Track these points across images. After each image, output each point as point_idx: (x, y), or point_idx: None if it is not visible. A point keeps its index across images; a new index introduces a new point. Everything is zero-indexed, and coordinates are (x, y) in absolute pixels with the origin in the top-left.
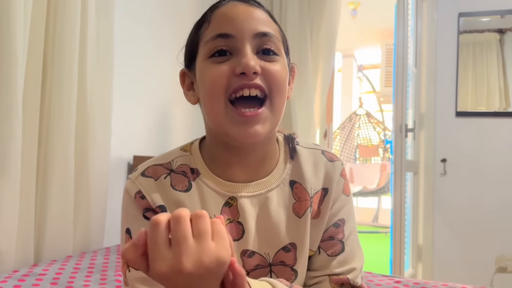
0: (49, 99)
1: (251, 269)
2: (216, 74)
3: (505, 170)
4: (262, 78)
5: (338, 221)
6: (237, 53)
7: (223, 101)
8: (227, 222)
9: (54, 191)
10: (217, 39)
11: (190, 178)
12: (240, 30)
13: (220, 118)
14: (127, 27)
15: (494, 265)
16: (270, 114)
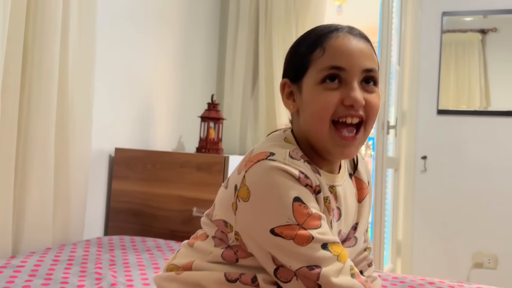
0: (28, 89)
1: None
2: (326, 101)
3: (484, 168)
4: (364, 109)
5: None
6: (346, 84)
7: (328, 123)
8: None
9: (33, 182)
10: (331, 70)
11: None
12: (351, 65)
13: (323, 137)
14: (110, 17)
15: (471, 260)
16: (363, 137)
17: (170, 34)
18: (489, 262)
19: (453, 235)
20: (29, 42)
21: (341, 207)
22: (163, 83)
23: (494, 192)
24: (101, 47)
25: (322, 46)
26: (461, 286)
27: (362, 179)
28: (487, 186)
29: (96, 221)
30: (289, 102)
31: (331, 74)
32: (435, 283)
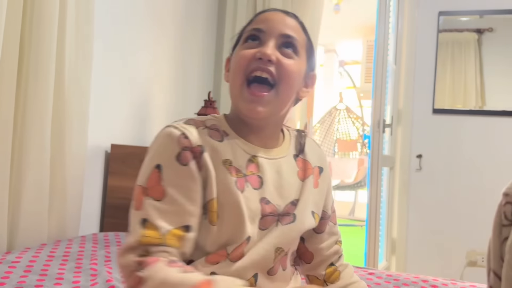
0: (25, 86)
1: (266, 215)
2: (242, 56)
3: (478, 167)
4: (276, 68)
5: (332, 197)
6: (263, 44)
7: (241, 78)
8: (250, 174)
9: (29, 178)
10: (252, 31)
11: (222, 134)
12: (271, 28)
13: (236, 93)
14: (108, 14)
15: (464, 259)
16: (274, 99)
17: (167, 31)
18: (482, 260)
19: (447, 233)
20: (25, 39)
21: (264, 176)
22: (160, 79)
23: (488, 191)
24: (98, 44)
25: (252, 20)
26: (454, 284)
27: (308, 160)
28: (482, 185)
29: (91, 217)
30: (226, 74)
31: (251, 34)
32: (428, 281)
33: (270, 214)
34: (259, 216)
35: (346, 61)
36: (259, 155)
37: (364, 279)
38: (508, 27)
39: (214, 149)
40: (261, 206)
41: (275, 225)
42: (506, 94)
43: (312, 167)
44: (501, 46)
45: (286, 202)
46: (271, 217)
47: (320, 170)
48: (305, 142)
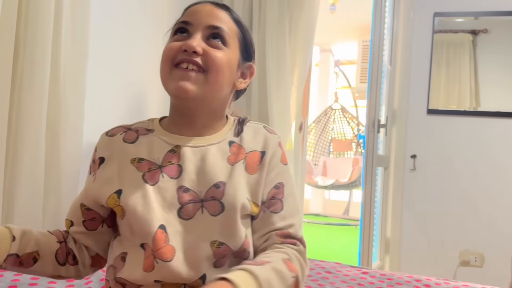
0: (20, 82)
1: (185, 203)
2: (169, 48)
3: (472, 168)
4: (203, 59)
5: (278, 184)
6: (190, 37)
7: (169, 65)
8: (168, 165)
9: (24, 176)
10: (180, 24)
11: (140, 134)
12: (198, 20)
13: (165, 77)
14: (104, 12)
15: (457, 258)
16: (202, 80)
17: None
18: (475, 260)
19: (440, 233)
20: (20, 36)
21: (184, 165)
22: (156, 76)
23: (482, 192)
24: (94, 42)
25: (183, 13)
26: (447, 283)
27: (243, 145)
28: (475, 185)
29: None
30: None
31: (179, 27)
32: (422, 280)
33: (190, 201)
34: (177, 205)
35: (341, 61)
36: (183, 144)
37: (358, 279)
38: (503, 28)
39: (123, 151)
40: (178, 194)
41: (201, 213)
42: (501, 95)
43: (246, 152)
44: (495, 48)
45: (207, 186)
46: (192, 204)
47: (261, 155)
48: (243, 128)
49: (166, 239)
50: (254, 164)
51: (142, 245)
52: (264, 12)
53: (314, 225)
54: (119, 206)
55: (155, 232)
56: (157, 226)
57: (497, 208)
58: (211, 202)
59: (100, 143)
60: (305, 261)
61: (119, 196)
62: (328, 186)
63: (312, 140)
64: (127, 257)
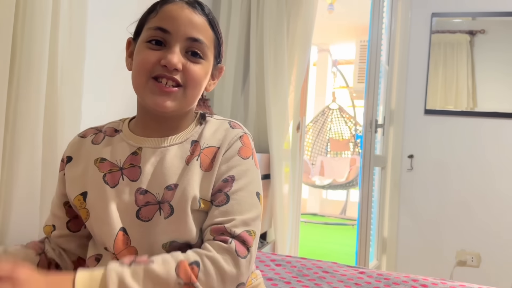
0: (17, 82)
1: (142, 205)
2: (146, 58)
3: (469, 168)
4: (182, 74)
5: (228, 177)
6: (168, 48)
7: (145, 78)
8: (129, 167)
9: (21, 175)
10: (157, 30)
11: (107, 135)
12: (177, 30)
13: (141, 88)
14: (101, 11)
15: (454, 258)
16: (181, 97)
17: None
18: (472, 260)
19: (437, 233)
20: (18, 35)
21: (144, 166)
22: None
23: (479, 192)
24: (92, 41)
25: (157, 9)
26: (444, 283)
27: (200, 144)
28: (472, 185)
29: None
30: (129, 60)
31: (157, 35)
32: (418, 280)
33: (148, 203)
34: (135, 207)
35: (339, 60)
36: (145, 145)
37: (355, 278)
38: (501, 29)
39: (89, 153)
40: (135, 197)
41: (159, 214)
42: (498, 96)
43: (201, 148)
44: (493, 48)
45: (162, 187)
46: (150, 206)
47: (216, 150)
48: (205, 126)
49: (127, 241)
50: (209, 160)
51: (106, 248)
52: (262, 12)
53: (311, 224)
54: (84, 208)
55: (116, 234)
56: (118, 228)
57: (494, 208)
58: (165, 204)
59: (70, 143)
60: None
61: (84, 199)
62: (325, 186)
63: (310, 140)
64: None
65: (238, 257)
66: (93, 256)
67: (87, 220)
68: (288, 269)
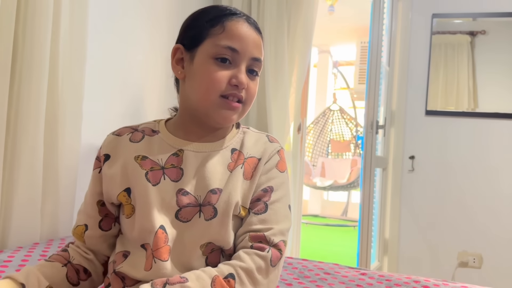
0: (18, 84)
1: (183, 206)
2: (217, 77)
3: (470, 169)
4: (245, 92)
5: (267, 187)
6: (236, 66)
7: (216, 96)
8: (171, 167)
9: (22, 177)
10: (227, 49)
11: (146, 134)
12: (245, 50)
13: (209, 103)
14: (102, 11)
15: (456, 259)
16: (241, 110)
17: (161, 29)
18: (474, 261)
19: (439, 234)
20: (19, 36)
21: (186, 168)
22: (154, 77)
23: (480, 193)
24: (92, 42)
25: (222, 24)
26: (446, 284)
27: (243, 153)
28: (473, 186)
29: None
30: (178, 67)
31: (226, 55)
32: (420, 282)
33: (188, 205)
34: (175, 207)
35: (340, 62)
36: (186, 148)
37: (357, 280)
38: (501, 29)
39: (128, 150)
40: (177, 197)
41: (198, 216)
42: (499, 96)
43: (244, 158)
44: (494, 49)
45: (206, 191)
46: (191, 207)
47: (257, 161)
48: (245, 137)
49: (165, 239)
50: (251, 170)
51: (143, 245)
52: (262, 13)
53: (312, 226)
54: (130, 204)
55: (156, 231)
56: (158, 226)
57: (495, 209)
58: (207, 207)
59: (106, 141)
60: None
61: (129, 195)
62: (326, 187)
63: (311, 141)
64: (129, 256)
65: (271, 266)
66: (120, 252)
67: (131, 216)
68: (290, 270)
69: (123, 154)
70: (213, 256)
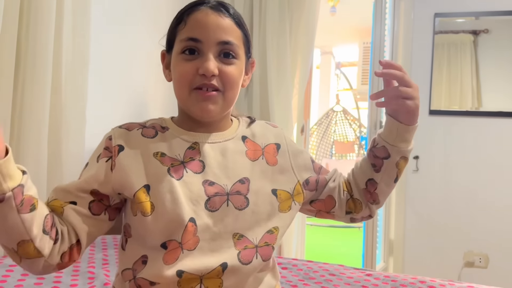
0: (22, 89)
1: (212, 195)
2: (183, 71)
3: (475, 168)
4: (219, 79)
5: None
6: (202, 55)
7: (187, 90)
8: (190, 160)
9: None
10: (188, 41)
11: (157, 130)
12: (207, 37)
13: (184, 99)
14: (104, 15)
15: (462, 260)
16: (222, 100)
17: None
18: (480, 261)
19: (444, 234)
20: (22, 41)
21: (206, 160)
22: (157, 80)
23: (485, 192)
24: (95, 46)
25: (184, 20)
26: (452, 284)
27: (256, 142)
28: (478, 186)
29: None
30: (166, 72)
31: (189, 45)
32: (426, 282)
33: (216, 194)
34: (204, 197)
35: (342, 63)
36: (201, 141)
37: (362, 281)
38: (504, 28)
39: (143, 146)
40: (205, 187)
41: (226, 205)
42: (502, 95)
43: (262, 148)
44: (497, 47)
45: (233, 181)
46: (218, 197)
47: (277, 147)
48: (254, 125)
49: (195, 231)
50: (273, 155)
51: (164, 244)
52: (264, 15)
53: (317, 227)
54: (148, 202)
55: (186, 225)
56: (187, 219)
57: (501, 208)
58: (236, 196)
59: (116, 133)
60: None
61: (148, 192)
62: None
63: (314, 143)
64: (148, 260)
65: None
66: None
67: (151, 214)
68: (295, 272)
69: (137, 148)
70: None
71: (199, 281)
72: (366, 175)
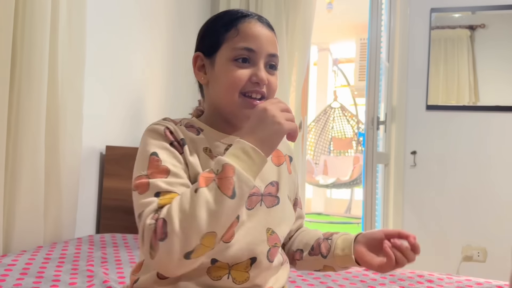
0: (18, 88)
1: (250, 195)
2: (237, 76)
3: (472, 163)
4: (266, 88)
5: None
6: (254, 64)
7: (237, 94)
8: None
9: (24, 181)
10: (244, 50)
11: (197, 129)
12: (260, 48)
13: (231, 102)
14: (101, 15)
15: (460, 254)
16: None
17: (160, 31)
18: (478, 255)
19: (442, 229)
20: (18, 41)
21: None
22: (154, 80)
23: (483, 186)
24: (92, 45)
25: (236, 28)
26: (450, 278)
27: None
28: (476, 180)
29: (87, 219)
30: (200, 74)
31: (244, 54)
32: (424, 276)
33: (254, 194)
34: None
35: (339, 59)
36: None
37: (361, 275)
38: (501, 23)
39: (193, 140)
40: None
41: (260, 205)
42: (500, 90)
43: (283, 155)
44: (493, 42)
45: (266, 183)
46: (255, 196)
47: (290, 159)
48: None
49: (235, 227)
50: (289, 165)
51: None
52: (260, 12)
53: (316, 224)
54: None
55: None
56: None
57: (499, 202)
58: (268, 197)
59: (171, 127)
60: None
61: None
62: (329, 185)
63: (312, 139)
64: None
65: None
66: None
67: None
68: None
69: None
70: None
71: (227, 271)
72: (302, 245)
